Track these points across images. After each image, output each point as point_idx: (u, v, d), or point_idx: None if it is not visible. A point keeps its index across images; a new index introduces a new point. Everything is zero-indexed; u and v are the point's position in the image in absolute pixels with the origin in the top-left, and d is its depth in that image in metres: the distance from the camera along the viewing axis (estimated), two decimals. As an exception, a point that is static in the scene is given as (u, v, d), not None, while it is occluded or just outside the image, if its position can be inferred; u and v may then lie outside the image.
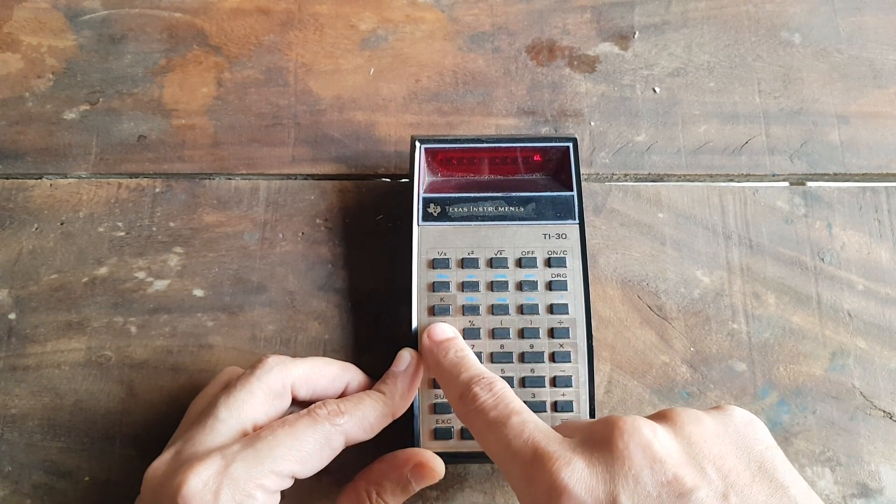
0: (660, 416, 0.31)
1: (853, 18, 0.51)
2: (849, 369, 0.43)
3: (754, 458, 0.29)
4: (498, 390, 0.33)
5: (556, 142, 0.43)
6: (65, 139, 0.48)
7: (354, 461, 0.37)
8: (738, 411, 0.32)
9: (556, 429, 0.32)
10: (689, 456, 0.29)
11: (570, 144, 0.43)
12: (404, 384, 0.37)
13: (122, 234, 0.45)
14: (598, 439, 0.29)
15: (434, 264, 0.41)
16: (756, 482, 0.28)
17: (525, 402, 0.38)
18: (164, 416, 0.41)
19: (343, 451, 0.34)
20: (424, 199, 0.42)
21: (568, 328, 0.40)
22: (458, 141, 0.43)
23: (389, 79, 0.50)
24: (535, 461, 0.29)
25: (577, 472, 0.28)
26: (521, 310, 0.40)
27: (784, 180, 0.47)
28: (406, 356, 0.38)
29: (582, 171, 0.43)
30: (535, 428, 0.31)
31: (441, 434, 0.39)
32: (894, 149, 0.48)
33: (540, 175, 0.44)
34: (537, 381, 0.39)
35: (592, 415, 0.39)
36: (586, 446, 0.29)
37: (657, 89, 0.49)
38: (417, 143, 0.43)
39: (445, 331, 0.38)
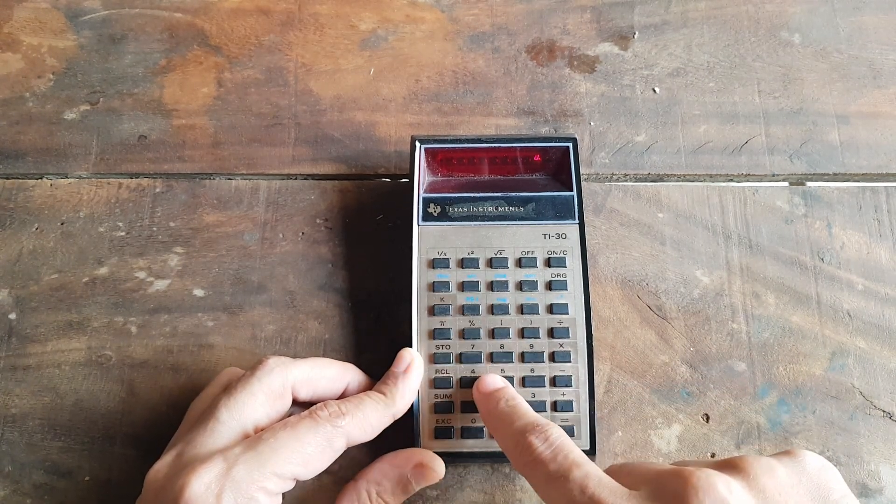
0: (731, 467, 0.30)
1: (853, 18, 0.51)
2: (848, 369, 0.43)
3: None
4: (555, 440, 0.32)
5: (555, 142, 0.43)
6: (65, 139, 0.48)
7: (354, 461, 0.37)
8: (809, 457, 0.31)
9: (616, 475, 0.31)
10: None
11: (570, 144, 0.43)
12: (405, 385, 0.37)
13: (123, 233, 0.45)
14: (671, 495, 0.28)
15: (434, 264, 0.41)
16: None
17: (525, 401, 0.39)
18: (164, 416, 0.41)
19: (343, 451, 0.34)
20: (424, 199, 0.42)
21: (568, 328, 0.40)
22: (458, 141, 0.43)
23: (389, 79, 0.50)
24: None
25: None
26: (521, 310, 0.40)
27: (784, 180, 0.47)
28: (406, 356, 0.38)
29: (582, 171, 0.43)
30: (598, 483, 0.30)
31: (441, 434, 0.39)
32: (894, 149, 0.48)
33: (540, 175, 0.44)
34: (537, 381, 0.39)
35: (592, 415, 0.39)
36: (656, 503, 0.28)
37: (657, 89, 0.49)
38: (417, 143, 0.43)
39: (496, 382, 0.38)
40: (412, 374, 0.38)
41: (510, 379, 0.39)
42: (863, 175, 0.48)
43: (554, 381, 0.39)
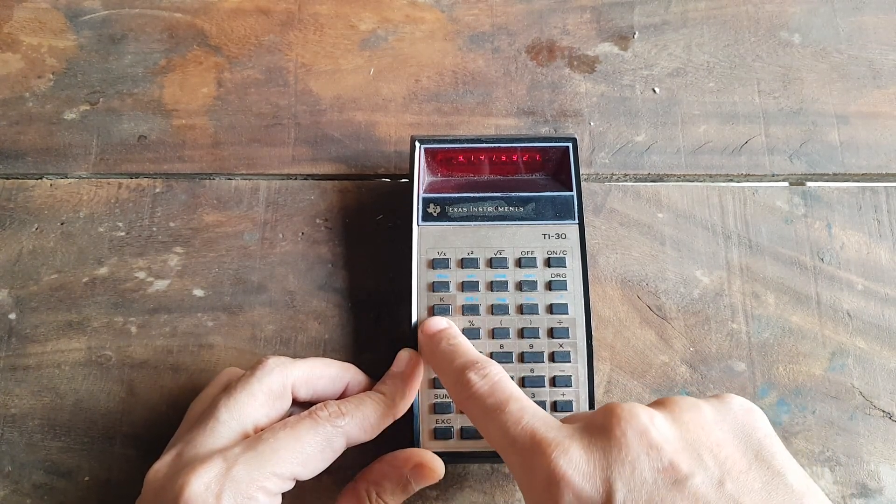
0: (658, 404, 0.31)
1: (853, 18, 0.51)
2: (848, 369, 0.43)
3: (752, 445, 0.29)
4: (493, 375, 0.33)
5: (555, 142, 0.43)
6: (65, 139, 0.48)
7: (354, 461, 0.37)
8: (737, 399, 0.32)
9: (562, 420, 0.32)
10: (686, 442, 0.29)
11: (570, 144, 0.43)
12: (405, 385, 0.37)
13: (123, 234, 0.45)
14: (597, 426, 0.30)
15: (434, 264, 0.41)
16: (753, 469, 0.28)
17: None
18: (164, 416, 0.41)
19: (343, 451, 0.34)
20: (424, 199, 0.42)
21: (568, 328, 0.40)
22: (458, 141, 0.43)
23: (389, 79, 0.50)
24: (533, 449, 0.29)
25: (574, 460, 0.28)
26: (520, 310, 0.40)
27: (784, 180, 0.47)
28: (406, 356, 0.38)
29: (581, 171, 0.43)
30: (532, 415, 0.31)
31: (441, 434, 0.39)
32: (894, 149, 0.48)
33: (540, 175, 0.44)
34: (537, 381, 0.39)
35: (592, 415, 0.39)
36: (584, 433, 0.29)
37: (657, 89, 0.49)
38: (417, 143, 0.43)
39: (439, 323, 0.38)
40: (412, 375, 0.38)
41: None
42: (863, 175, 0.48)
43: (554, 382, 0.39)
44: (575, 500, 0.27)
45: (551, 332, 0.40)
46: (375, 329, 0.43)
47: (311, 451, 0.32)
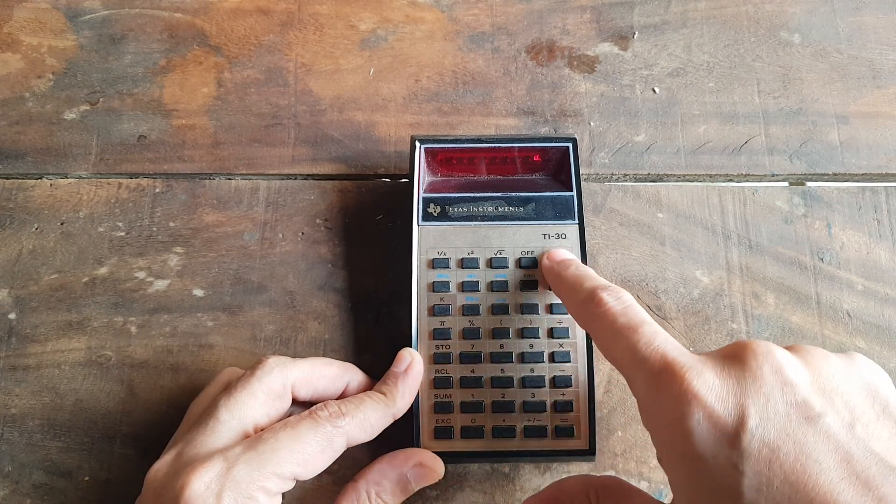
0: (790, 348, 0.31)
1: (853, 18, 0.51)
2: (848, 369, 0.43)
3: (878, 400, 0.29)
4: (626, 298, 0.34)
5: (555, 142, 0.43)
6: (65, 139, 0.48)
7: (354, 461, 0.37)
8: (862, 358, 0.31)
9: None
10: (818, 386, 0.29)
11: (570, 144, 0.43)
12: (405, 385, 0.37)
13: (122, 234, 0.45)
14: (731, 356, 0.30)
15: (434, 264, 0.41)
16: (881, 420, 0.28)
17: (525, 401, 0.39)
18: (164, 416, 0.41)
19: (343, 451, 0.34)
20: (424, 199, 0.42)
21: (567, 328, 0.40)
22: (457, 141, 0.43)
23: (389, 79, 0.50)
24: (664, 369, 0.29)
25: (708, 381, 0.28)
26: (520, 310, 0.40)
27: (783, 180, 0.47)
28: (406, 356, 0.38)
29: (581, 171, 0.43)
30: (665, 339, 0.31)
31: (441, 434, 0.39)
32: (894, 149, 0.48)
33: (539, 175, 0.44)
34: (537, 381, 0.39)
35: (592, 415, 0.39)
36: (718, 361, 0.29)
37: (657, 89, 0.49)
38: (417, 143, 0.43)
39: (565, 254, 0.40)
40: (412, 374, 0.38)
41: (510, 379, 0.39)
42: (863, 175, 0.48)
43: (554, 382, 0.39)
44: (705, 419, 0.27)
45: (551, 332, 0.40)
46: (375, 329, 0.43)
47: (312, 450, 0.32)
